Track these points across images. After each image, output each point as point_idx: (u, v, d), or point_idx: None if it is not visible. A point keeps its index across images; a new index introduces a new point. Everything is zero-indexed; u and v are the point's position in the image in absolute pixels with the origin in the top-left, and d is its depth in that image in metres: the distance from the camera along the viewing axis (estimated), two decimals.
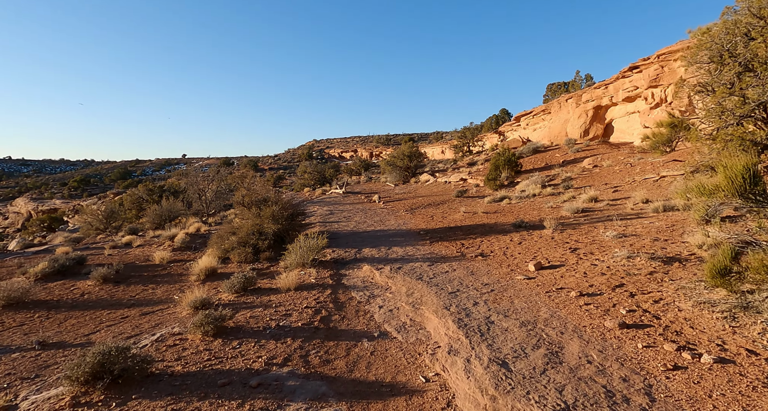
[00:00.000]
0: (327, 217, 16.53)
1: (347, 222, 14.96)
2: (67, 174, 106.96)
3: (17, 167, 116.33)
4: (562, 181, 16.85)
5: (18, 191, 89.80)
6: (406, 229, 12.61)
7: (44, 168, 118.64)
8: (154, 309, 7.38)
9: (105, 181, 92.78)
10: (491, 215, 12.97)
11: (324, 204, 22.13)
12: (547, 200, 13.91)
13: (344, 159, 72.04)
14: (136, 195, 23.74)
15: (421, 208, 17.29)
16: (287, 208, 11.85)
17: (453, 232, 11.41)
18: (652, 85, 19.69)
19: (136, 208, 24.21)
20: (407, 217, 15.15)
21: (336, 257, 9.95)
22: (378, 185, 29.19)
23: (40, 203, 72.80)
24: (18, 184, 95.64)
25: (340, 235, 12.62)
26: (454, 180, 24.66)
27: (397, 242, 10.92)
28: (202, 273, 9.25)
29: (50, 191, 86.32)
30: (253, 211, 11.21)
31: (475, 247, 9.61)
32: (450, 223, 12.80)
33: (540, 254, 8.25)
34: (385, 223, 14.25)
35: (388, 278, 8.04)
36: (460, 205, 16.75)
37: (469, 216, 13.34)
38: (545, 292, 6.26)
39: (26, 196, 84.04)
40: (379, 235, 12.16)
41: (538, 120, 33.13)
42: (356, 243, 11.26)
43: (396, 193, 24.69)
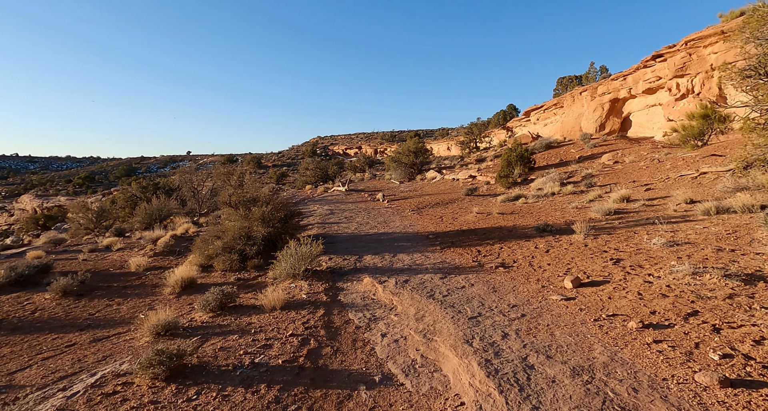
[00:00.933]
0: (326, 217, 15.18)
1: (348, 223, 13.60)
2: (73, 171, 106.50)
3: (24, 164, 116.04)
4: (583, 178, 15.39)
5: (23, 188, 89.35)
6: (413, 232, 11.23)
7: (50, 165, 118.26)
8: (111, 333, 6.06)
9: (110, 178, 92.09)
10: (508, 216, 11.56)
11: (325, 202, 20.79)
12: (569, 200, 12.47)
13: (348, 156, 70.65)
14: (129, 193, 22.50)
15: (428, 208, 15.90)
16: (280, 208, 10.51)
17: (466, 236, 10.02)
18: (678, 75, 18.12)
19: (129, 207, 23.00)
20: (414, 217, 13.77)
21: (333, 266, 8.60)
22: (382, 183, 27.82)
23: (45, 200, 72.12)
24: (24, 181, 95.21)
25: (340, 238, 11.26)
26: (463, 177, 23.23)
27: (403, 248, 9.56)
28: (177, 285, 7.94)
29: (55, 188, 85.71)
30: (241, 213, 9.88)
31: (494, 255, 8.22)
32: (462, 225, 11.41)
33: (575, 266, 6.85)
34: (389, 224, 12.88)
35: (392, 295, 6.67)
36: (471, 205, 15.34)
37: (483, 217, 11.94)
38: (593, 319, 4.87)
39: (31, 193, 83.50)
40: (382, 239, 10.80)
41: (549, 115, 31.56)
42: (357, 248, 9.90)
43: (401, 191, 23.30)
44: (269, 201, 10.58)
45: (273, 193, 28.01)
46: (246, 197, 10.23)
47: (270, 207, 10.08)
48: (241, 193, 10.35)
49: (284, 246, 9.44)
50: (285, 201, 10.83)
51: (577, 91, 27.21)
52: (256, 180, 11.11)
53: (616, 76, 23.31)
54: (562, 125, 27.74)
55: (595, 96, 25.30)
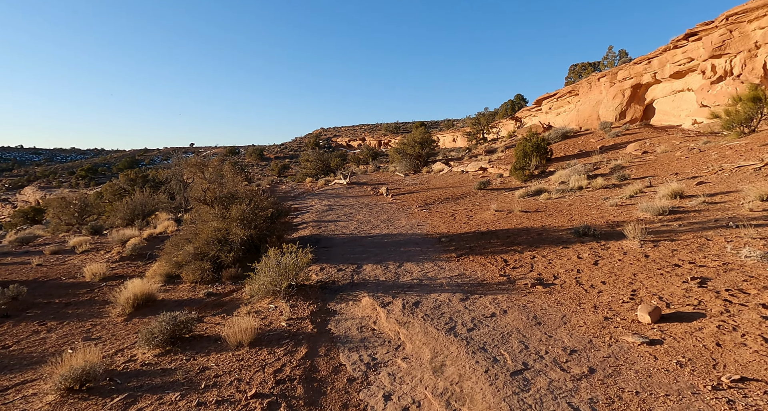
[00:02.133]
0: (323, 214, 13.45)
1: (347, 222, 11.87)
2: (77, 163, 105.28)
3: (29, 156, 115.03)
4: (612, 170, 13.55)
5: (27, 180, 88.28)
6: (422, 234, 9.50)
7: (55, 157, 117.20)
8: (12, 382, 4.38)
9: (113, 170, 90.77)
10: (533, 215, 9.78)
11: (324, 197, 19.07)
12: (602, 195, 10.67)
13: (352, 148, 68.79)
14: (117, 186, 20.87)
15: (437, 204, 14.13)
16: (264, 207, 8.80)
17: (487, 239, 8.27)
18: (715, 55, 16.13)
19: (116, 201, 21.38)
20: (422, 215, 12.02)
21: (325, 280, 6.88)
22: (386, 175, 26.04)
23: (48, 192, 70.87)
24: (27, 172, 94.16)
25: (336, 241, 9.54)
26: (472, 169, 21.41)
27: (410, 255, 7.83)
28: (128, 304, 6.26)
29: (58, 180, 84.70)
30: (216, 212, 8.18)
31: (527, 266, 6.47)
32: (479, 225, 9.65)
33: (641, 287, 5.10)
34: (394, 223, 11.14)
35: (399, 325, 4.96)
36: (485, 200, 13.57)
37: (503, 216, 10.17)
38: (709, 387, 3.13)
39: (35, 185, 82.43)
40: (386, 242, 9.07)
41: (562, 103, 29.53)
42: (355, 255, 8.18)
43: (406, 184, 21.52)
44: (252, 197, 8.87)
45: (272, 186, 26.27)
46: (223, 193, 8.52)
47: (252, 205, 8.37)
48: (217, 188, 8.64)
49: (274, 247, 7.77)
50: (270, 196, 9.12)
51: (594, 77, 25.17)
52: (237, 172, 9.38)
53: (639, 60, 21.28)
54: (578, 114, 25.75)
55: (614, 82, 23.28)
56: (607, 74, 23.90)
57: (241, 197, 8.48)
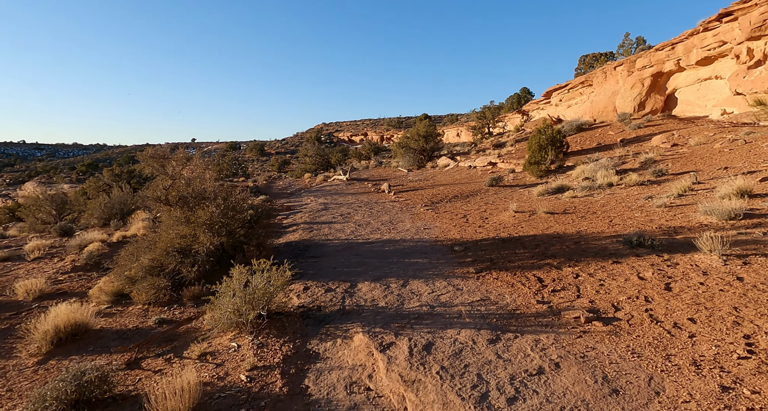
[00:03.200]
0: (318, 214, 11.86)
1: (343, 224, 10.28)
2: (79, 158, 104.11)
3: (31, 151, 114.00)
4: (643, 165, 11.89)
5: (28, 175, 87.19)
6: (430, 240, 7.91)
7: (57, 152, 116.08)
8: None
9: (113, 165, 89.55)
10: (562, 217, 8.17)
11: (321, 194, 17.48)
12: (640, 193, 9.04)
13: (353, 143, 67.11)
14: (101, 182, 19.34)
15: (445, 202, 12.53)
16: (241, 208, 7.23)
17: (510, 248, 6.68)
18: (753, 37, 14.39)
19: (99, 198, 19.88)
20: (428, 216, 10.43)
21: (308, 304, 5.31)
22: (389, 171, 24.43)
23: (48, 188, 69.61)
24: (29, 168, 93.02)
25: (328, 249, 7.95)
26: (481, 164, 19.77)
27: (417, 268, 6.25)
28: (47, 339, 4.71)
29: (59, 176, 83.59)
30: (178, 215, 6.62)
31: (570, 289, 4.88)
32: (498, 229, 8.05)
33: (756, 329, 3.50)
34: (397, 226, 9.56)
35: (405, 385, 3.39)
36: (498, 199, 11.96)
37: (524, 218, 8.55)
38: None
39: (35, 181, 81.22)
40: (387, 250, 7.48)
41: (574, 94, 27.79)
42: (350, 267, 6.60)
43: (410, 180, 19.91)
44: (227, 197, 7.29)
45: (268, 182, 24.65)
46: (189, 192, 6.95)
47: (223, 207, 6.79)
48: (182, 185, 7.07)
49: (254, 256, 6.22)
50: (245, 192, 7.56)
51: (610, 66, 23.42)
52: (207, 165, 7.79)
53: (661, 46, 19.52)
54: (592, 105, 24.01)
55: (633, 70, 21.53)
56: (624, 63, 22.14)
57: (211, 197, 6.90)
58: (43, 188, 50.60)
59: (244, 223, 7.39)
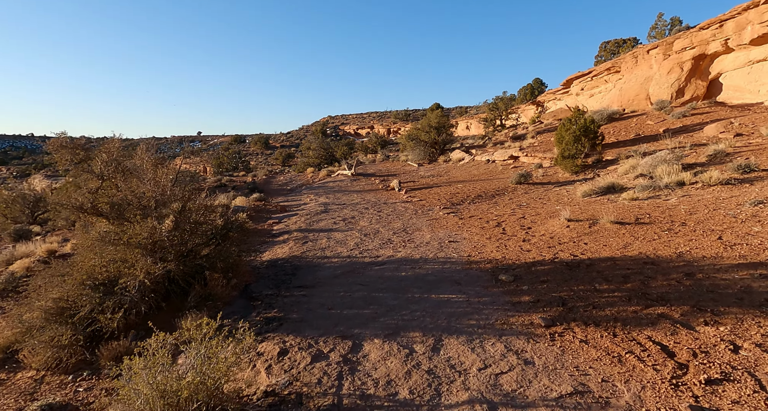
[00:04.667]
0: (316, 219, 9.75)
1: (345, 232, 8.18)
2: None
3: (39, 144, 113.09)
4: (711, 158, 9.62)
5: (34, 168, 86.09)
6: (461, 260, 5.80)
7: None
8: None
9: None
10: (638, 230, 5.97)
11: (323, 191, 15.39)
12: (733, 195, 6.82)
13: (360, 136, 64.84)
14: None
15: (468, 204, 10.39)
16: (201, 221, 5.16)
17: (581, 278, 4.55)
18: None
19: None
20: (451, 222, 8.31)
21: (281, 387, 3.18)
22: (397, 165, 22.27)
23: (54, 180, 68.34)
24: (35, 160, 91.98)
25: (323, 273, 5.83)
26: (500, 158, 17.54)
27: (451, 313, 4.14)
28: None
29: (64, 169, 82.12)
30: (107, 231, 4.56)
31: (737, 375, 2.77)
32: (552, 245, 5.91)
33: None
34: (413, 236, 7.44)
35: None
36: (532, 199, 9.81)
37: (583, 229, 6.38)
38: None
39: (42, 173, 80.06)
40: (403, 276, 5.37)
41: (598, 83, 25.34)
42: (351, 308, 4.49)
43: (421, 175, 17.75)
44: (186, 202, 5.22)
45: (268, 177, 22.64)
46: (125, 198, 4.88)
47: (181, 218, 4.72)
48: (111, 189, 5.01)
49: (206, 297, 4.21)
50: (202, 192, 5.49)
51: (642, 50, 20.95)
52: (157, 162, 5.71)
53: (706, 24, 17.06)
54: (621, 93, 21.58)
55: (669, 54, 19.09)
56: (659, 45, 19.68)
57: (152, 205, 4.82)
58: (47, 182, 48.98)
59: (210, 238, 5.33)
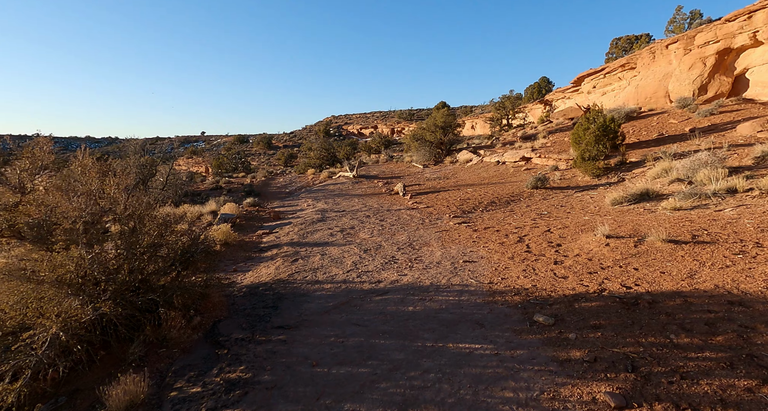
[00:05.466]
0: (311, 229, 8.63)
1: (343, 247, 7.06)
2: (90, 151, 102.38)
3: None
4: (758, 160, 8.42)
5: None
6: (482, 290, 4.67)
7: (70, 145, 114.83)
8: None
9: None
10: (700, 252, 4.80)
11: (322, 195, 14.29)
12: None
13: (363, 136, 63.72)
14: None
15: (481, 211, 9.26)
16: (158, 243, 4.06)
17: (647, 325, 3.41)
18: None
19: None
20: (464, 234, 7.18)
21: None
22: (401, 166, 21.14)
23: None
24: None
25: (311, 306, 4.69)
26: (511, 160, 16.37)
27: (478, 377, 3.02)
28: None
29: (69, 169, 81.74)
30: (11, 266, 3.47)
31: None
32: (593, 270, 4.76)
33: None
34: (420, 253, 6.32)
35: None
36: (552, 207, 8.66)
37: (627, 248, 5.21)
38: None
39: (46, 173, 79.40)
40: (410, 312, 4.24)
41: (611, 80, 24.08)
42: (343, 365, 3.34)
43: (427, 178, 16.62)
44: (138, 222, 4.12)
45: (267, 179, 21.57)
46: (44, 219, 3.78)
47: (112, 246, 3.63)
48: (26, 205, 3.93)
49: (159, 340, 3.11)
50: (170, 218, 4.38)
51: (660, 45, 19.69)
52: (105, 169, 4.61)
53: (733, 15, 15.80)
54: (637, 91, 20.33)
55: (690, 48, 17.84)
56: (679, 39, 18.42)
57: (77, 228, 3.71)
58: None
59: (170, 265, 4.23)
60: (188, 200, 14.83)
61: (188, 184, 16.82)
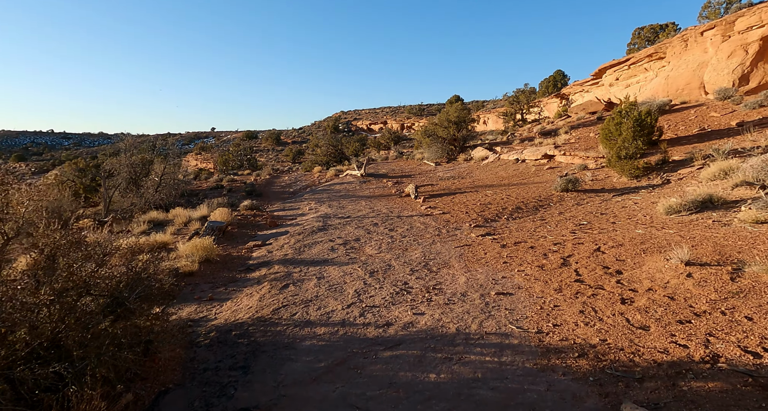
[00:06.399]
0: (309, 242, 7.35)
1: (344, 271, 5.77)
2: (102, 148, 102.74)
3: (59, 140, 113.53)
4: None
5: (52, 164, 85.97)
6: (527, 346, 3.37)
7: (83, 141, 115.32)
8: None
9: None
10: None
11: (327, 197, 13.05)
12: None
13: (372, 131, 62.33)
14: (63, 178, 15.39)
15: (506, 219, 7.92)
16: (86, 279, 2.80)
17: None
18: None
19: None
20: (490, 251, 5.87)
21: None
22: (412, 164, 19.80)
23: None
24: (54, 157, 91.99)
25: (295, 364, 3.39)
26: (532, 157, 14.92)
27: None
28: None
29: None
30: None
31: None
32: (689, 322, 3.43)
33: None
34: (439, 278, 5.03)
35: None
36: (590, 214, 7.29)
37: (723, 282, 3.87)
38: None
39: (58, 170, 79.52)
40: (432, 389, 2.95)
41: (636, 71, 22.38)
42: None
43: (440, 177, 15.27)
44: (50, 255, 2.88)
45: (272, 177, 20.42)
46: None
47: None
48: None
49: None
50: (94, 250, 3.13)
51: (694, 32, 17.97)
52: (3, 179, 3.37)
53: None
54: (667, 82, 18.64)
55: (730, 34, 16.15)
56: (716, 25, 16.70)
57: None
58: None
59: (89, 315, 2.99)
60: (184, 202, 13.71)
61: (187, 183, 15.71)
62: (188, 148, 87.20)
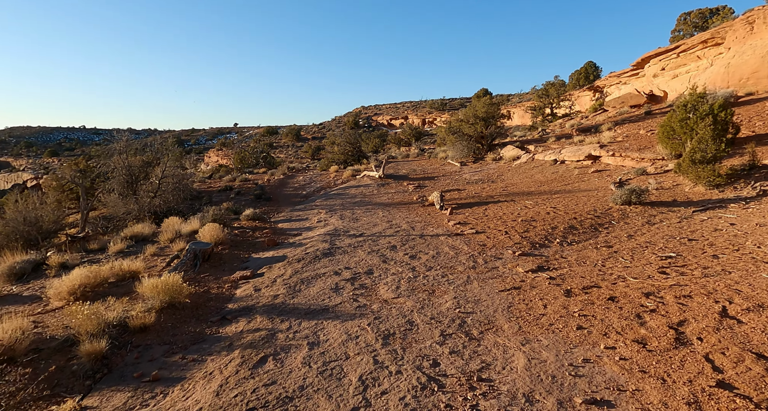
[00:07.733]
0: (309, 275, 5.74)
1: (348, 332, 4.14)
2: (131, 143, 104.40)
3: (90, 136, 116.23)
4: None
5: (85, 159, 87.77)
6: None
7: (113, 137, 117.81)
8: None
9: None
10: None
11: (340, 205, 11.45)
12: None
13: (393, 127, 60.44)
14: (64, 179, 14.35)
15: (559, 243, 6.12)
16: None
17: None
18: None
19: (66, 200, 14.98)
20: (552, 303, 4.14)
21: None
22: (435, 163, 17.98)
23: None
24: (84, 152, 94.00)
25: None
26: (572, 158, 12.91)
27: None
28: None
29: None
30: None
31: None
32: None
33: None
34: (482, 352, 3.38)
35: None
36: (677, 241, 5.43)
37: None
38: None
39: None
40: None
41: (686, 60, 19.82)
42: None
43: (467, 180, 13.45)
44: None
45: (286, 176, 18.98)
46: None
47: None
48: None
49: None
50: None
51: (762, 13, 15.43)
52: None
53: None
54: (728, 71, 16.16)
55: None
56: None
57: None
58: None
59: None
60: (186, 206, 12.38)
61: (190, 184, 14.41)
62: (211, 144, 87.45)
